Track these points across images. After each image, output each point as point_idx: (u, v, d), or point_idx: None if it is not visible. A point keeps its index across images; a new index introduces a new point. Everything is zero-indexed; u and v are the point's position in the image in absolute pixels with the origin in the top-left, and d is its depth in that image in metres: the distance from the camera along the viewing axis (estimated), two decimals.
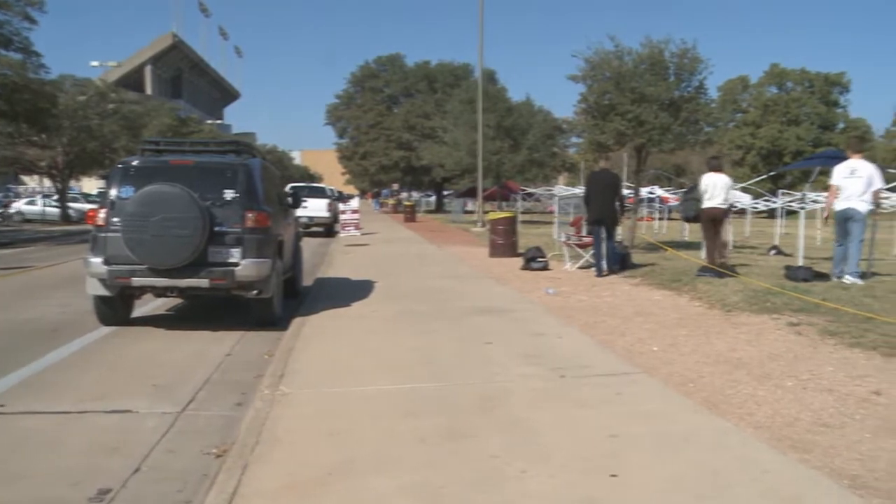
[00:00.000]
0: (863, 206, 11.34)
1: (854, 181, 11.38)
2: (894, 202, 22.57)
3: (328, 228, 28.45)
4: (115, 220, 8.28)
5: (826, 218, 13.18)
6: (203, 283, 8.33)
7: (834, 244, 12.08)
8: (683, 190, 21.72)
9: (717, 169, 13.34)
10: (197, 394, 6.16)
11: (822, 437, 4.61)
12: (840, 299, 9.37)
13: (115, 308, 8.90)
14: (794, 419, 4.98)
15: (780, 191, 21.89)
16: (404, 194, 66.91)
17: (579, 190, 27.78)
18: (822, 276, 11.62)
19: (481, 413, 5.08)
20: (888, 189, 13.46)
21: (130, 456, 4.68)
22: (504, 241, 17.48)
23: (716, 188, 12.75)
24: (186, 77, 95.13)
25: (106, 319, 8.91)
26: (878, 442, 4.53)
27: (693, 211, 13.45)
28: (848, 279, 11.24)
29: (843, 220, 11.50)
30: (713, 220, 12.94)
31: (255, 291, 8.63)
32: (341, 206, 28.76)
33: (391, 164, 63.89)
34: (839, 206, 11.52)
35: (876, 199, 11.59)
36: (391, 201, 61.60)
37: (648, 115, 16.92)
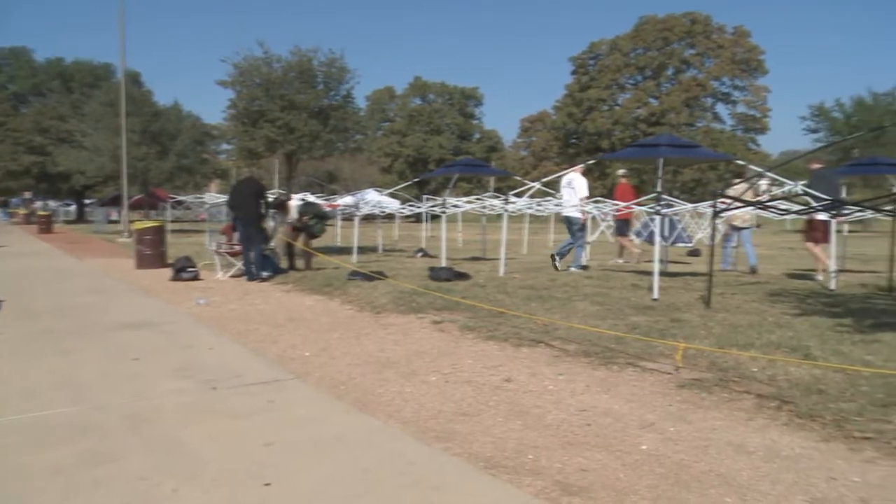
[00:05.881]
0: (574, 212, 13.85)
1: (569, 192, 13.74)
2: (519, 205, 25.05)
3: None
4: None
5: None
6: None
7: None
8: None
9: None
10: None
11: (462, 426, 4.94)
12: (477, 297, 10.17)
13: None
14: (438, 411, 5.28)
15: (425, 196, 23.21)
16: (39, 203, 61.15)
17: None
18: (463, 276, 12.54)
19: (128, 434, 4.74)
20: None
21: None
22: (152, 252, 16.64)
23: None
24: None
25: None
26: (508, 424, 4.97)
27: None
28: (573, 269, 13.65)
29: (566, 223, 14.09)
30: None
31: None
32: None
33: (21, 171, 57.79)
34: (563, 211, 14.10)
35: (581, 205, 14.02)
36: (23, 211, 56.04)
37: (298, 123, 17.15)
